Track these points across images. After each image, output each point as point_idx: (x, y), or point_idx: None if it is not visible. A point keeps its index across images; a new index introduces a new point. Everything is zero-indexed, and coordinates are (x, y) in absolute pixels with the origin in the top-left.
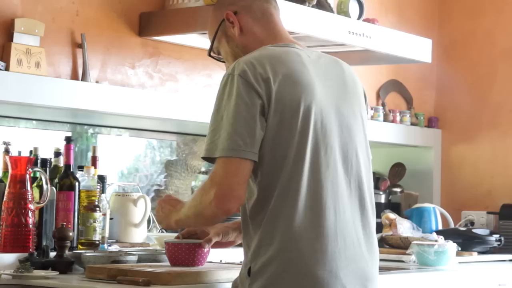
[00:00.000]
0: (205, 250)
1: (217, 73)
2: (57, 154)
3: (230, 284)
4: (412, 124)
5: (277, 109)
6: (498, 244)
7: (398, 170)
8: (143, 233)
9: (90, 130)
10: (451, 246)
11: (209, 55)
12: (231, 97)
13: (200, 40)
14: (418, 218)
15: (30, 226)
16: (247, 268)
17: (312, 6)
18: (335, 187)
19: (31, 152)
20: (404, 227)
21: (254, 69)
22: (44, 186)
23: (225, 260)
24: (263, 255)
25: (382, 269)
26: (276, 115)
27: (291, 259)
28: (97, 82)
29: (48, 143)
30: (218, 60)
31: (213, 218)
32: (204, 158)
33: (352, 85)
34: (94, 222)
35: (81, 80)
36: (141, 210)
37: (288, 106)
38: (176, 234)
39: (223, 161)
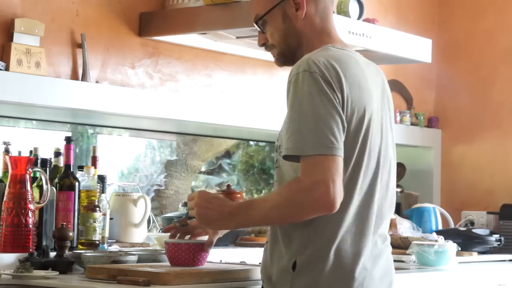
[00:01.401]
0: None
1: (217, 73)
2: (57, 154)
3: (230, 284)
4: (412, 124)
5: (347, 112)
6: (498, 244)
7: (398, 170)
8: (143, 233)
9: (90, 130)
10: (451, 246)
11: (256, 22)
12: (311, 94)
13: (200, 40)
14: (418, 218)
15: (30, 226)
16: (292, 262)
17: None
18: (380, 195)
19: (31, 152)
20: (404, 227)
21: (329, 69)
22: (44, 186)
23: (225, 260)
24: (310, 250)
25: None
26: (347, 117)
27: (338, 258)
28: (97, 82)
29: (48, 143)
30: (261, 30)
31: (311, 217)
32: (288, 157)
33: (388, 94)
34: (94, 222)
35: (81, 80)
36: (141, 210)
37: (356, 111)
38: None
39: (320, 159)
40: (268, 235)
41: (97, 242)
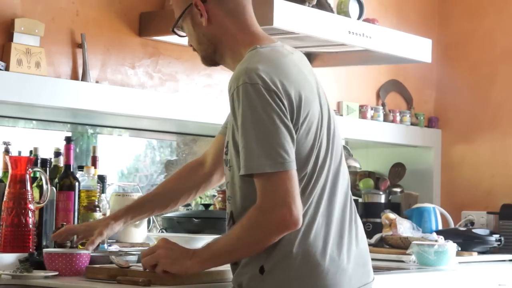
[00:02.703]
0: (84, 256)
1: (217, 73)
2: (57, 154)
3: (230, 284)
4: (412, 124)
5: (298, 114)
6: (498, 244)
7: (398, 170)
8: (143, 233)
9: (90, 130)
10: (451, 246)
11: (173, 30)
12: (257, 108)
13: None
14: (418, 218)
15: (30, 226)
16: (259, 267)
17: (312, 6)
18: (342, 189)
19: (31, 152)
20: (404, 227)
21: (270, 76)
22: (44, 186)
23: None
24: (275, 251)
25: (382, 269)
26: (298, 120)
27: (304, 253)
28: (97, 82)
29: (48, 143)
30: (180, 36)
31: (277, 238)
32: (245, 175)
33: (317, 79)
34: None
35: (81, 80)
36: None
37: (305, 110)
38: (173, 235)
39: (276, 177)
40: None
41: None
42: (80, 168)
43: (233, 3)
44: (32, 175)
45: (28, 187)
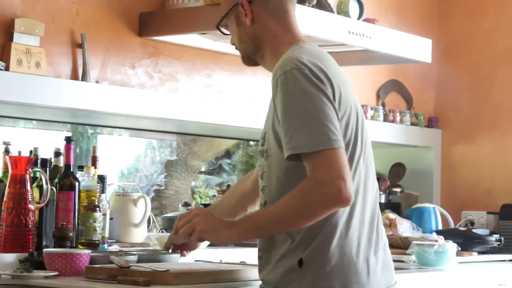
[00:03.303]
0: (84, 256)
1: (217, 73)
2: (57, 154)
3: (230, 284)
4: (412, 124)
5: (339, 107)
6: (498, 244)
7: (398, 170)
8: (143, 233)
9: (90, 130)
10: (451, 246)
11: (217, 26)
12: (306, 90)
13: (200, 40)
14: (418, 218)
15: (30, 226)
16: (297, 259)
17: (312, 6)
18: (369, 177)
19: (31, 152)
20: (404, 227)
21: (315, 66)
22: (44, 186)
23: (225, 260)
24: (314, 245)
25: None
26: (339, 113)
27: (341, 249)
28: (97, 82)
29: (48, 143)
30: (224, 34)
31: (328, 213)
32: (292, 156)
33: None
34: (94, 222)
35: (81, 80)
36: (141, 210)
37: (345, 105)
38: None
39: (331, 153)
40: (260, 243)
41: (97, 242)
42: (80, 168)
43: (277, 5)
44: (32, 175)
45: (28, 187)
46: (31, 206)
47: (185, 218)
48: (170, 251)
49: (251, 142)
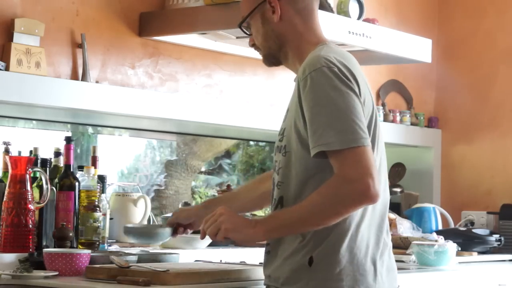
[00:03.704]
0: (84, 256)
1: (217, 73)
2: (57, 154)
3: (230, 284)
4: (412, 124)
5: (364, 104)
6: (498, 244)
7: (398, 170)
8: None
9: (90, 130)
10: (451, 246)
11: (240, 26)
12: (337, 87)
13: (200, 40)
14: (418, 218)
15: (30, 226)
16: (308, 257)
17: None
18: (380, 182)
19: (31, 152)
20: (404, 227)
21: (343, 65)
22: (44, 186)
23: (225, 260)
24: (325, 244)
25: None
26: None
27: (351, 250)
28: (97, 82)
29: (48, 143)
30: (246, 34)
31: (354, 210)
32: (318, 153)
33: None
34: (94, 222)
35: (81, 80)
36: (141, 210)
37: (368, 106)
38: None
39: (361, 150)
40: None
41: (97, 242)
42: (80, 168)
43: (304, 4)
44: (32, 175)
45: (28, 187)
46: (31, 206)
47: (211, 219)
48: (170, 229)
49: (251, 142)
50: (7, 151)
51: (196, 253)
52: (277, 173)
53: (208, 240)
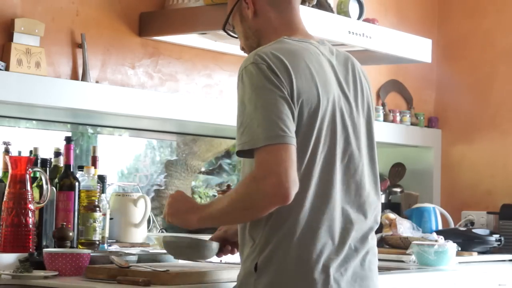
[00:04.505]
0: (84, 256)
1: (217, 73)
2: (57, 154)
3: (230, 284)
4: (412, 124)
5: (298, 104)
6: (498, 244)
7: (398, 170)
8: (143, 233)
9: (90, 130)
10: (451, 246)
11: (223, 29)
12: (259, 85)
13: (200, 40)
14: (418, 218)
15: (30, 226)
16: (254, 263)
17: (312, 6)
18: (349, 185)
19: (31, 152)
20: (404, 227)
21: (276, 60)
22: (44, 186)
23: (225, 260)
24: (269, 249)
25: (382, 269)
26: (296, 108)
27: (298, 257)
28: (97, 82)
29: (48, 143)
30: (231, 36)
31: (267, 210)
32: (241, 152)
33: (363, 86)
34: (94, 222)
35: (81, 80)
36: (141, 210)
37: (308, 103)
38: (173, 234)
39: (271, 149)
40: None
41: (97, 242)
42: (80, 168)
43: None
44: (32, 175)
45: (28, 187)
46: (31, 206)
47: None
48: (217, 245)
49: None
50: (7, 151)
51: None
52: (240, 174)
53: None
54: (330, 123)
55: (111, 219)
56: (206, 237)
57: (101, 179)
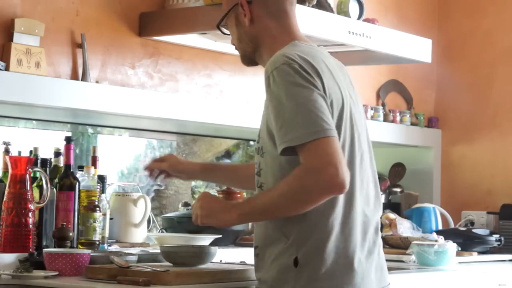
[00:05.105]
0: (84, 256)
1: (217, 73)
2: (57, 154)
3: (230, 284)
4: (412, 124)
5: (329, 101)
6: (498, 244)
7: (398, 170)
8: (143, 233)
9: (90, 130)
10: (451, 246)
11: (218, 26)
12: (296, 83)
13: (200, 40)
14: (418, 218)
15: (30, 226)
16: (293, 258)
17: (312, 6)
18: (362, 180)
19: (31, 152)
20: (404, 227)
21: (304, 61)
22: (44, 186)
23: (225, 260)
24: (310, 244)
25: None
26: (329, 106)
27: (337, 249)
28: (97, 82)
29: (48, 143)
30: (224, 34)
31: (322, 200)
32: (286, 150)
33: (355, 89)
34: (94, 222)
35: (81, 80)
36: (141, 210)
37: (335, 101)
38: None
39: (322, 141)
40: (256, 240)
41: (97, 242)
42: (80, 168)
43: (276, 7)
44: (32, 175)
45: (28, 187)
46: (31, 206)
47: (193, 206)
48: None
49: (251, 142)
50: (7, 151)
51: None
52: (258, 175)
53: (209, 239)
54: (349, 122)
55: (111, 219)
56: (204, 237)
57: (101, 179)
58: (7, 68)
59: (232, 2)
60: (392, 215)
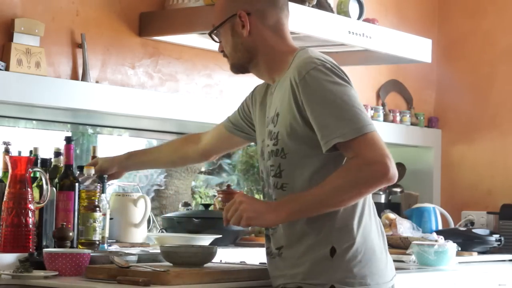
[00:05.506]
0: (84, 256)
1: (217, 73)
2: (57, 154)
3: (230, 284)
4: (412, 124)
5: None
6: (498, 244)
7: (398, 170)
8: (143, 233)
9: (90, 130)
10: (451, 246)
11: (210, 34)
12: (336, 82)
13: (200, 40)
14: (418, 218)
15: (30, 226)
16: (329, 248)
17: (312, 6)
18: None
19: (31, 152)
20: (404, 227)
21: (332, 62)
22: (44, 186)
23: (225, 260)
24: (346, 232)
25: None
26: None
27: (366, 238)
28: (97, 82)
29: (48, 143)
30: (215, 41)
31: (375, 190)
32: (332, 147)
33: None
34: (94, 222)
35: (81, 80)
36: (141, 210)
37: None
38: (173, 235)
39: (371, 135)
40: (278, 242)
41: (97, 242)
42: (80, 168)
43: (275, 19)
44: (32, 175)
45: (28, 187)
46: (31, 206)
47: (232, 208)
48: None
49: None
50: (7, 151)
51: None
52: (277, 176)
53: (209, 239)
54: None
55: (111, 219)
56: (204, 237)
57: (101, 179)
58: (7, 68)
59: (230, 12)
60: (392, 215)
